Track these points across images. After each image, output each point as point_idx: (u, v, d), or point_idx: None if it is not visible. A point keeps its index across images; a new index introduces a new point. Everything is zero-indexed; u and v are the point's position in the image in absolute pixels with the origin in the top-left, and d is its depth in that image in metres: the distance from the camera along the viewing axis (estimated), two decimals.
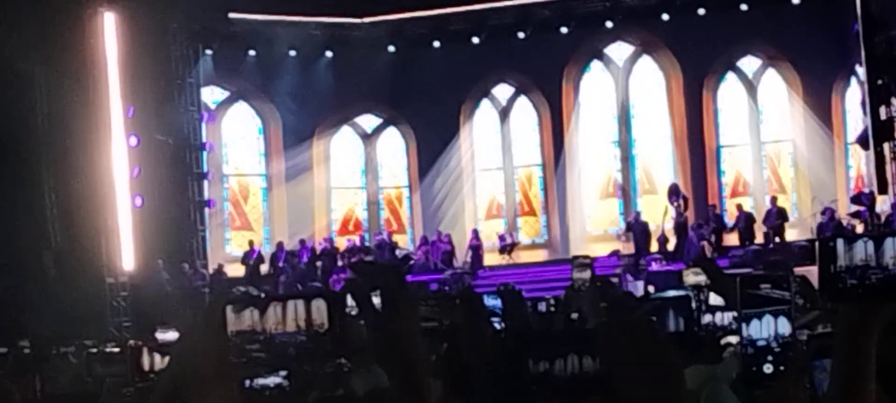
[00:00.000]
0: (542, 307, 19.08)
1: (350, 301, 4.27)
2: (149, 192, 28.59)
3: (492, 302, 15.76)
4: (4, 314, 23.56)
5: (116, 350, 17.33)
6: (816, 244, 3.92)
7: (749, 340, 4.59)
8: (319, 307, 4.72)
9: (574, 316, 15.08)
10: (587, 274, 19.12)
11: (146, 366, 13.94)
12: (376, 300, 4.08)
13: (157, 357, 14.42)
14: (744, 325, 4.61)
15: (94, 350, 18.25)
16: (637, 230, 33.98)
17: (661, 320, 14.00)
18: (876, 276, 3.53)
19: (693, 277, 25.31)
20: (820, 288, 3.91)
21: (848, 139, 34.77)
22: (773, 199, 34.04)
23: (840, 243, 3.92)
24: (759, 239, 33.02)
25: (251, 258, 34.71)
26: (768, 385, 4.57)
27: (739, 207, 34.50)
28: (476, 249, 35.56)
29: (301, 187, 37.61)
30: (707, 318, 13.56)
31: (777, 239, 32.27)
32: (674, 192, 34.04)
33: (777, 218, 32.93)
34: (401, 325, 4.00)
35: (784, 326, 4.56)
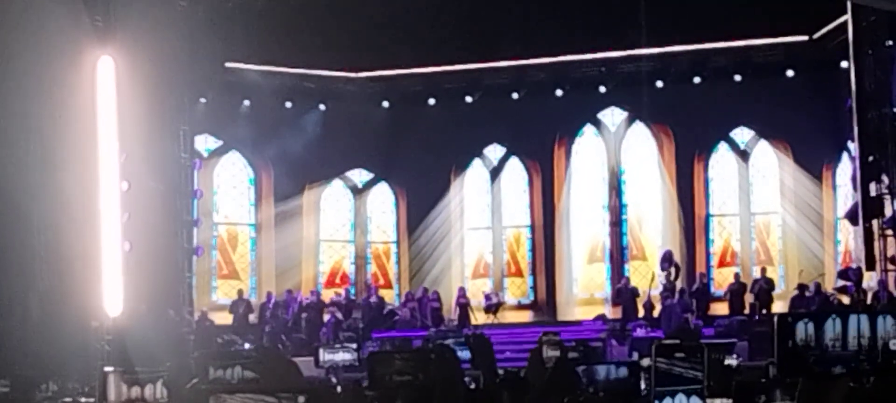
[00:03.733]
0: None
1: None
2: (138, 237, 28.49)
3: (462, 353, 15.82)
4: None
5: (93, 400, 17.28)
6: (775, 319, 3.99)
7: None
8: None
9: None
10: (557, 353, 19.15)
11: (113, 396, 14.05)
12: None
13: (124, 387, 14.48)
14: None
15: (69, 400, 18.27)
16: (626, 296, 34.00)
17: None
18: (814, 357, 3.57)
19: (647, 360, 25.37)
20: (778, 364, 3.98)
21: (837, 213, 34.83)
22: (763, 270, 34.10)
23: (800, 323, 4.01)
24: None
25: (240, 307, 34.64)
26: None
27: (737, 276, 34.52)
28: (463, 307, 35.51)
29: (290, 238, 37.58)
30: None
31: (763, 311, 32.28)
32: (667, 259, 34.07)
33: (765, 289, 32.99)
34: None
35: None
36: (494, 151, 38.79)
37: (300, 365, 17.61)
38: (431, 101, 37.95)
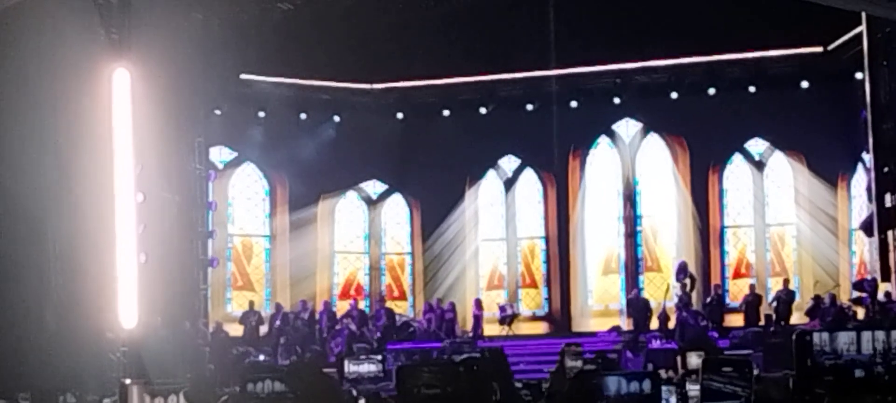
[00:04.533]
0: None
1: None
2: (153, 249, 28.54)
3: None
4: (5, 366, 23.50)
5: None
6: (794, 338, 4.00)
7: None
8: None
9: None
10: (578, 363, 19.17)
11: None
12: None
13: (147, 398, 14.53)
14: None
15: None
16: (637, 307, 33.95)
17: None
18: (829, 362, 3.58)
19: (696, 359, 25.43)
20: (797, 382, 3.98)
21: (852, 225, 34.77)
22: (786, 282, 34.05)
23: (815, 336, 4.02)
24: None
25: (251, 319, 34.64)
26: None
27: (752, 288, 34.44)
28: (479, 319, 35.53)
29: (304, 249, 37.57)
30: None
31: (782, 323, 32.23)
32: (682, 270, 34.00)
33: (785, 301, 32.93)
34: None
35: None
36: (509, 163, 38.79)
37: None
38: (446, 113, 38.00)
